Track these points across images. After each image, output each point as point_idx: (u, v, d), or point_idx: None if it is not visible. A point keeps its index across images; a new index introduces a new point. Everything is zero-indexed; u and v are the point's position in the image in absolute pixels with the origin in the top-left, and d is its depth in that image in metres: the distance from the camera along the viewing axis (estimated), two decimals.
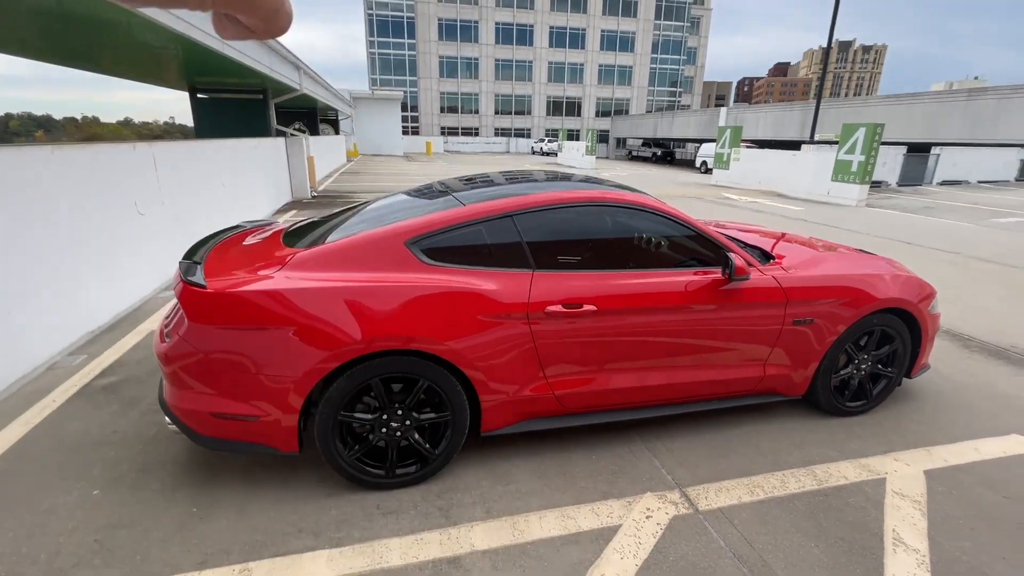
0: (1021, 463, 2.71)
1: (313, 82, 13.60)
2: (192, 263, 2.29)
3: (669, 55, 56.17)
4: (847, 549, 2.10)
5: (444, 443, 2.38)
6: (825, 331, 2.81)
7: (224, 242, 2.71)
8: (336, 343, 2.08)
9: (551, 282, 2.38)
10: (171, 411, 2.21)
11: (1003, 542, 2.16)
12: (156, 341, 2.25)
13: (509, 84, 52.88)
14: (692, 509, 2.31)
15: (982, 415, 3.17)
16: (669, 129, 42.10)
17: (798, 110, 29.56)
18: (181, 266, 2.24)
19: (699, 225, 2.69)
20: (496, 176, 3.19)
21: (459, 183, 3.00)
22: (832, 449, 2.79)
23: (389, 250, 2.29)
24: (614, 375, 2.55)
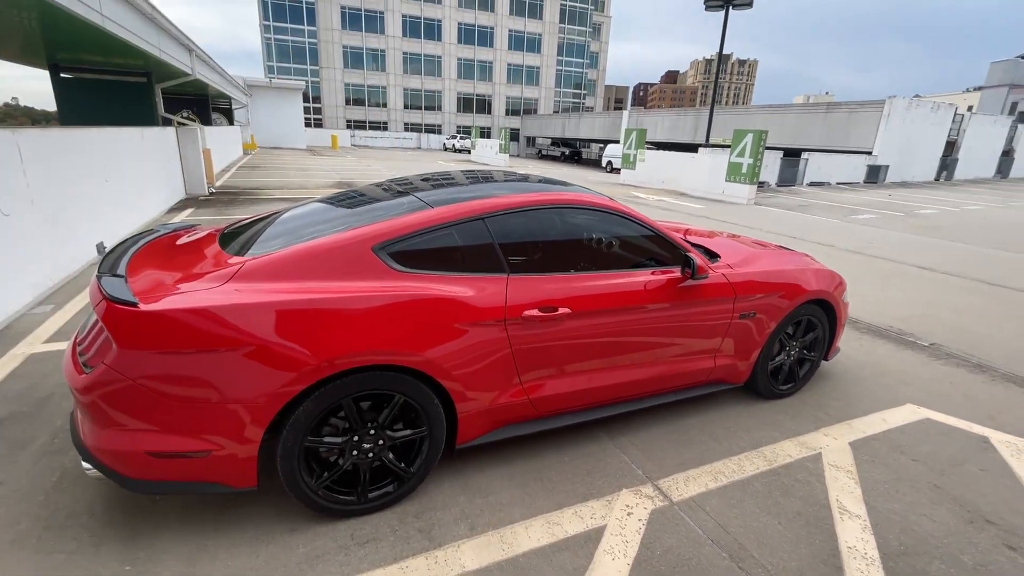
0: (918, 428, 3.15)
1: (207, 67, 12.22)
2: (114, 276, 1.93)
3: (573, 58, 58.32)
4: (804, 523, 2.30)
5: (419, 460, 2.25)
6: (765, 323, 3.06)
7: (144, 250, 2.33)
8: (303, 363, 1.87)
9: (526, 286, 2.34)
10: (92, 454, 1.85)
11: (922, 500, 2.49)
12: (70, 372, 1.87)
13: (418, 79, 51.74)
14: (667, 501, 2.39)
15: (881, 389, 3.65)
16: (576, 130, 43.77)
17: (691, 115, 32.14)
18: (102, 281, 1.87)
19: (660, 227, 2.80)
20: (456, 175, 3.07)
21: (418, 182, 2.84)
22: (774, 430, 3.04)
23: (355, 256, 2.10)
24: (585, 376, 2.57)
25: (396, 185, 2.84)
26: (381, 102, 51.16)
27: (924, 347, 4.48)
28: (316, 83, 48.16)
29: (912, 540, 2.23)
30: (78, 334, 2.09)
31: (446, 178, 2.99)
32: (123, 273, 1.99)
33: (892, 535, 2.25)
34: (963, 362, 4.18)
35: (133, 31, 6.98)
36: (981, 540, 2.25)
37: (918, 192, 20.37)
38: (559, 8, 54.89)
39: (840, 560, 2.10)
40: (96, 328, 1.89)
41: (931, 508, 2.44)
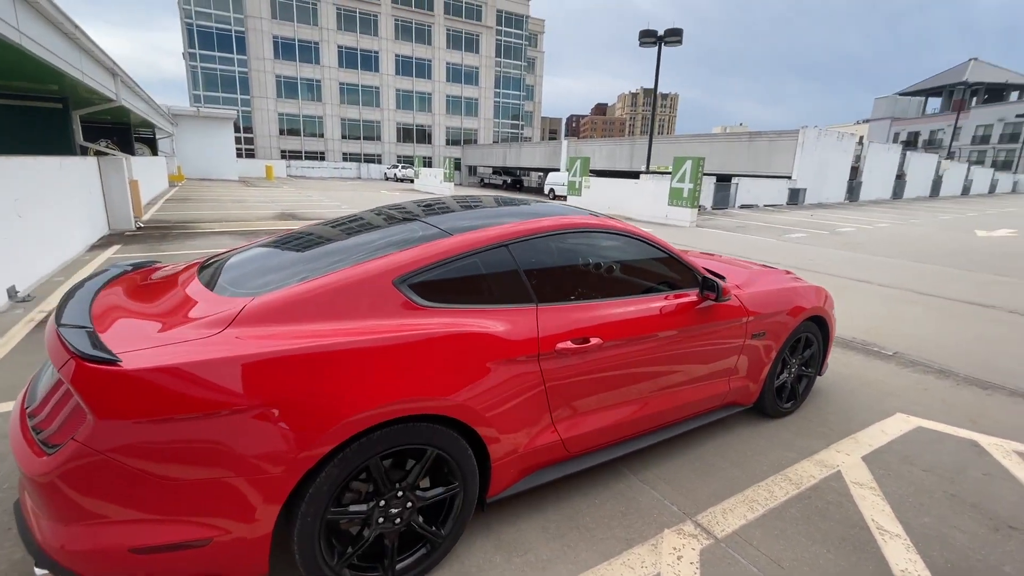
0: (914, 438, 3.23)
1: (132, 93, 11.29)
2: (78, 328, 1.56)
3: (510, 90, 60.08)
4: (851, 548, 2.23)
5: (451, 521, 1.97)
6: (773, 341, 3.06)
7: (107, 292, 1.95)
8: (327, 421, 1.58)
9: (556, 316, 2.17)
10: (53, 557, 1.44)
11: (946, 512, 2.50)
12: (22, 453, 1.46)
13: (356, 109, 51.09)
14: (712, 539, 2.25)
15: (870, 401, 3.75)
16: (517, 158, 44.73)
17: (627, 145, 33.77)
18: (65, 334, 1.50)
19: (677, 251, 2.73)
20: (448, 201, 2.88)
21: (418, 208, 2.63)
22: (788, 450, 3.01)
23: (375, 291, 1.85)
24: (615, 409, 2.42)
25: (397, 212, 2.60)
26: (318, 132, 49.95)
27: (890, 356, 4.71)
28: (247, 112, 46.32)
29: (954, 555, 2.21)
30: (26, 403, 1.67)
31: (442, 204, 2.79)
32: (89, 323, 1.62)
33: (935, 552, 2.22)
34: (928, 369, 4.42)
35: (54, 51, 6.28)
36: (1012, 548, 2.27)
37: (833, 212, 22.31)
38: (495, 43, 56.64)
39: None
40: (58, 394, 1.51)
41: (957, 519, 2.45)
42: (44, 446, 1.43)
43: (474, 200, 2.97)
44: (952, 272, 8.81)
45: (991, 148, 60.06)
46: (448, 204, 2.78)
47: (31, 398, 1.66)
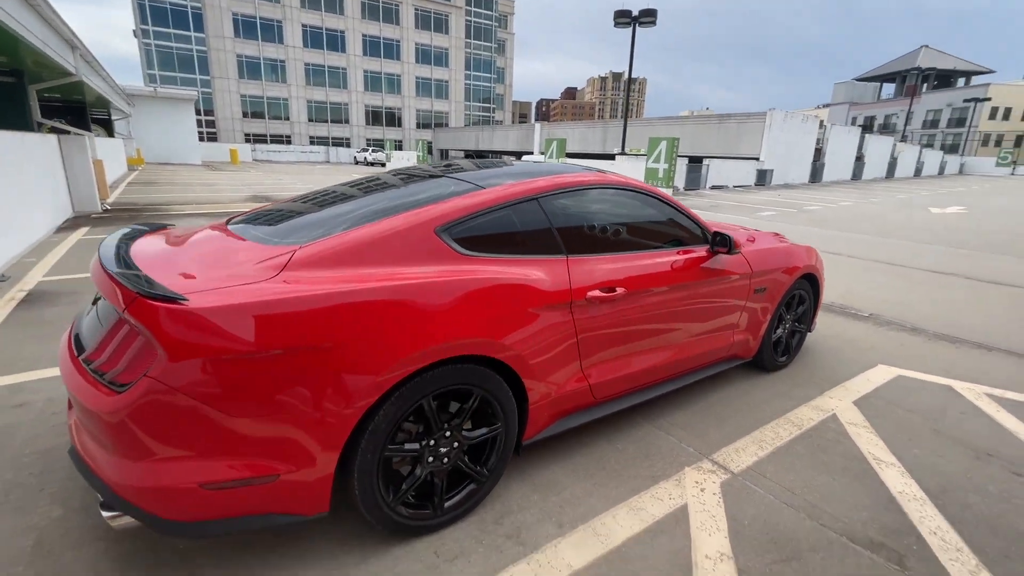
0: (897, 385, 3.48)
1: (91, 69, 10.64)
2: (133, 273, 1.56)
3: (481, 72, 59.31)
4: (853, 476, 2.43)
5: (494, 460, 2.06)
6: (772, 297, 3.24)
7: (137, 248, 1.92)
8: (388, 358, 1.63)
9: (585, 267, 2.25)
10: (123, 496, 1.46)
11: (933, 445, 2.74)
12: (87, 394, 1.46)
13: (323, 91, 49.54)
14: (729, 473, 2.41)
15: (853, 355, 4.01)
16: (490, 142, 44.39)
17: (599, 128, 33.95)
18: (126, 277, 1.50)
19: (688, 209, 2.85)
20: (467, 163, 2.91)
21: (441, 167, 2.65)
22: (787, 399, 3.21)
23: (417, 240, 1.89)
24: (635, 357, 2.53)
25: (419, 171, 2.62)
26: (283, 115, 48.26)
27: (866, 317, 5.01)
28: (208, 94, 44.28)
29: (944, 479, 2.43)
30: (71, 350, 1.66)
31: (461, 164, 2.82)
32: (139, 269, 1.62)
33: (927, 477, 2.45)
34: (901, 328, 4.73)
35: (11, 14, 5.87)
36: (992, 472, 2.52)
37: (799, 192, 23.09)
38: (464, 24, 55.64)
39: (898, 503, 2.24)
40: (119, 336, 1.51)
41: (943, 450, 2.69)
42: (113, 386, 1.43)
43: (489, 161, 3.01)
44: (912, 245, 9.32)
45: (940, 132, 63.01)
46: (466, 164, 2.82)
47: (82, 346, 1.65)
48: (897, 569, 1.88)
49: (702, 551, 1.91)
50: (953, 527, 2.11)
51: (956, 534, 2.07)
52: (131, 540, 1.85)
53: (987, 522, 2.15)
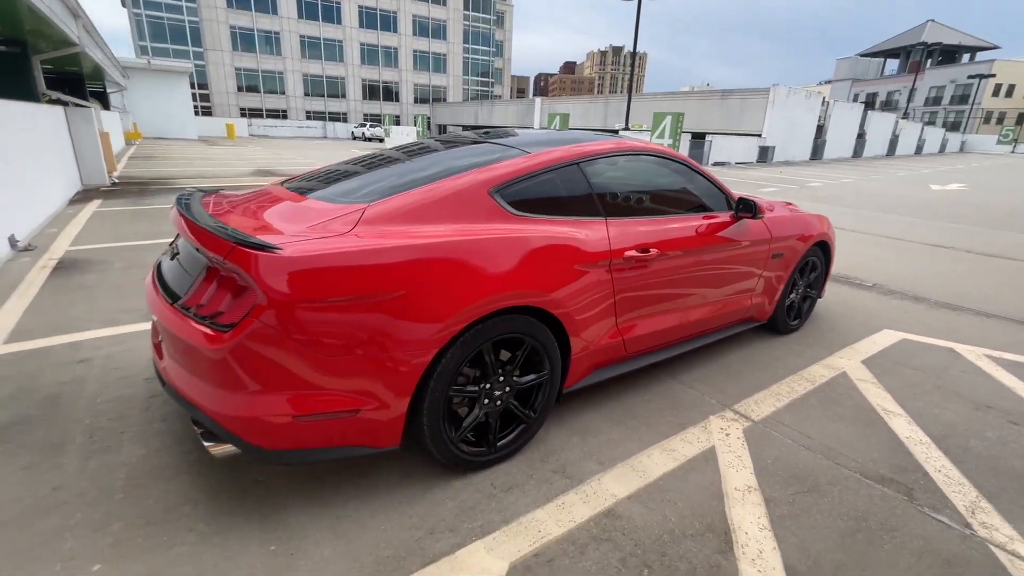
0: (902, 347, 3.68)
1: (92, 40, 10.48)
2: (221, 226, 1.70)
3: (479, 46, 58.16)
4: (864, 424, 2.64)
5: (540, 404, 2.24)
6: (788, 263, 3.40)
7: (211, 208, 2.06)
8: (456, 306, 1.79)
9: (622, 229, 2.40)
10: (226, 427, 1.63)
11: (936, 399, 2.94)
12: (193, 335, 1.62)
13: (319, 64, 48.58)
14: (751, 421, 2.61)
15: (860, 320, 4.20)
16: (489, 117, 43.85)
17: (600, 103, 33.59)
18: (222, 230, 1.64)
19: (713, 176, 2.99)
20: (504, 131, 3.01)
21: (478, 134, 2.77)
22: (799, 358, 3.40)
23: (474, 200, 2.03)
24: (663, 316, 2.70)
25: (459, 138, 2.74)
26: (278, 89, 47.42)
27: (870, 287, 5.20)
28: (201, 67, 43.36)
29: (947, 427, 2.64)
30: (162, 298, 1.81)
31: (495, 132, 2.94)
32: (223, 224, 1.76)
33: (931, 425, 2.65)
34: (904, 296, 4.92)
35: None
36: (991, 420, 2.73)
37: (801, 169, 23.10)
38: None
39: (906, 447, 2.44)
40: (218, 281, 1.66)
41: (945, 403, 2.89)
42: (217, 327, 1.59)
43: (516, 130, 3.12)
44: (913, 220, 9.48)
45: (942, 109, 62.55)
46: (504, 132, 2.93)
47: (176, 295, 1.79)
48: (906, 499, 2.08)
49: (731, 483, 2.12)
50: (955, 466, 2.32)
51: (958, 471, 2.28)
52: (216, 472, 2.03)
53: (986, 462, 2.36)
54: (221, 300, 1.63)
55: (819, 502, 2.04)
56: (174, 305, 1.75)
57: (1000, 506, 2.07)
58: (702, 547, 1.78)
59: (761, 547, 1.79)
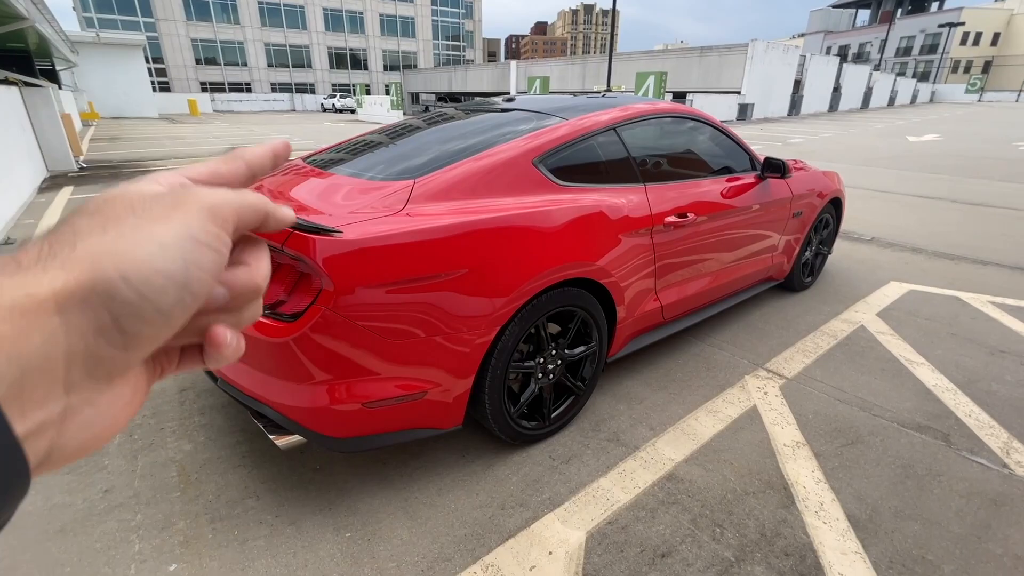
0: (911, 297, 3.78)
1: (40, 13, 9.68)
2: None
3: (448, 7, 55.91)
4: (891, 375, 2.72)
5: (590, 373, 2.25)
6: (806, 221, 3.42)
7: None
8: (515, 282, 1.75)
9: (660, 194, 2.36)
10: (294, 419, 1.59)
11: (953, 346, 3.05)
12: (257, 325, 1.55)
13: (281, 32, 46.12)
14: (784, 379, 2.67)
15: (866, 273, 4.29)
16: (464, 83, 42.54)
17: (578, 64, 32.83)
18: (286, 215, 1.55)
19: (737, 135, 2.95)
20: (526, 97, 2.90)
21: (506, 101, 2.66)
22: (818, 315, 3.47)
23: (519, 171, 1.96)
24: (697, 280, 2.71)
25: (487, 105, 2.64)
26: (240, 60, 45.02)
27: (868, 240, 5.30)
28: (155, 39, 40.71)
29: (968, 372, 2.74)
30: None
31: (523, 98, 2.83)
32: None
33: (954, 371, 2.75)
34: (903, 248, 5.03)
35: None
36: (1008, 364, 2.84)
37: (780, 125, 23.15)
38: None
39: (935, 394, 2.53)
40: (275, 269, 1.58)
41: (962, 350, 3.00)
42: (281, 317, 1.52)
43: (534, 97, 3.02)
44: (896, 172, 9.63)
45: (912, 60, 62.93)
46: (528, 98, 2.82)
47: None
48: (944, 445, 2.17)
49: (780, 440, 2.17)
50: (983, 410, 2.42)
51: (987, 415, 2.38)
52: (270, 463, 2.00)
53: (1010, 404, 2.47)
54: (280, 289, 1.56)
55: (865, 453, 2.11)
56: None
57: None
58: (765, 503, 1.84)
59: (821, 499, 1.85)
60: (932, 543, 1.68)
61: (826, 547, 1.65)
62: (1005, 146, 13.74)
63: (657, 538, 1.68)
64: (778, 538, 1.69)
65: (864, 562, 1.60)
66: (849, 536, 1.70)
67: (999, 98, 50.40)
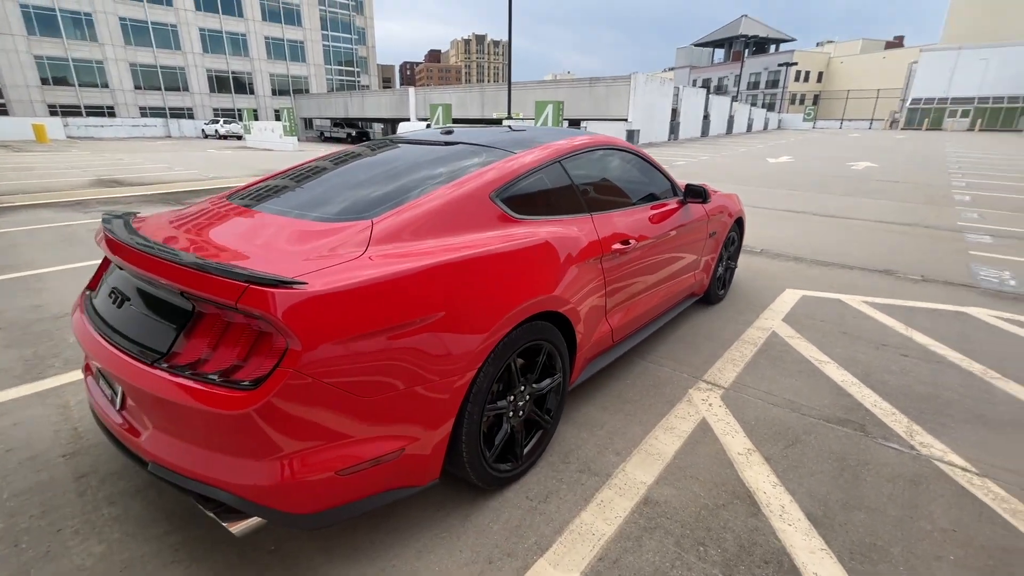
0: (805, 302, 4.28)
1: None
2: (222, 265, 1.40)
3: (340, 32, 54.77)
4: (808, 375, 3.03)
5: (555, 407, 2.23)
6: (719, 239, 3.75)
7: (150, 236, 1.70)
8: (494, 318, 1.70)
9: (604, 223, 2.45)
10: (252, 500, 1.38)
11: (847, 343, 3.49)
12: (199, 398, 1.32)
13: (150, 52, 41.85)
14: (722, 388, 2.87)
15: (765, 283, 4.80)
16: (361, 109, 41.68)
17: (476, 91, 33.70)
18: (220, 269, 1.34)
19: (660, 164, 3.16)
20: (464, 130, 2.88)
21: (446, 135, 2.61)
22: (736, 324, 3.80)
23: (478, 206, 1.93)
24: (638, 301, 2.83)
25: (431, 137, 2.57)
26: (99, 81, 40.01)
27: (759, 253, 5.95)
28: None
29: (864, 367, 3.15)
30: (138, 360, 1.46)
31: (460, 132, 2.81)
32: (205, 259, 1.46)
33: (854, 366, 3.14)
34: (787, 258, 5.72)
35: None
36: (891, 356, 3.30)
37: (664, 149, 25.50)
38: None
39: (844, 389, 2.87)
40: (223, 329, 1.37)
41: (855, 346, 3.44)
42: (234, 385, 1.32)
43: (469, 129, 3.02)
44: (766, 190, 11.01)
45: (761, 92, 72.99)
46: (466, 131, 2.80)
47: (148, 349, 1.45)
48: (863, 435, 2.45)
49: (734, 449, 2.31)
50: (884, 399, 2.78)
51: (888, 403, 2.74)
52: (213, 553, 1.72)
53: (901, 391, 2.87)
54: (231, 354, 1.36)
55: (806, 452, 2.32)
56: (154, 364, 1.42)
57: (927, 427, 2.53)
58: (736, 514, 1.93)
59: (781, 503, 1.99)
60: (878, 529, 1.87)
61: (796, 548, 1.77)
62: (841, 166, 16.31)
63: (649, 567, 1.69)
64: (755, 547, 1.78)
65: (831, 557, 1.73)
66: (812, 535, 1.83)
67: (828, 125, 60.05)
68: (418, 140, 2.57)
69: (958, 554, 1.77)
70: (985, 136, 39.20)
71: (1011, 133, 43.97)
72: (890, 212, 8.48)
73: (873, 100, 61.42)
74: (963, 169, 15.49)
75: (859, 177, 13.26)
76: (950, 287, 4.73)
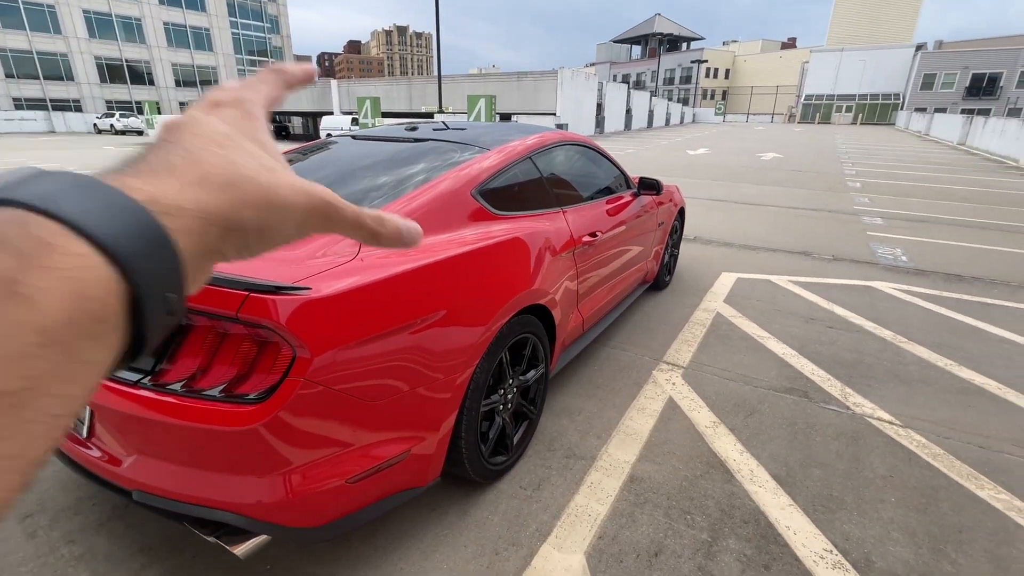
0: (741, 284, 4.65)
1: None
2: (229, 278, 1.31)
3: (250, 20, 51.15)
4: (753, 350, 3.32)
5: (539, 397, 2.29)
6: (666, 229, 3.98)
7: None
8: (490, 313, 1.73)
9: (575, 216, 2.54)
10: (257, 517, 1.32)
11: (782, 320, 3.84)
12: (196, 416, 1.23)
13: (23, 36, 36.75)
14: (682, 368, 3.07)
15: (702, 267, 5.14)
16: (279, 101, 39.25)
17: (404, 85, 32.89)
18: (223, 280, 1.26)
19: (615, 159, 3.30)
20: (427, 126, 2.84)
21: (418, 131, 2.57)
22: (684, 307, 4.06)
23: (461, 203, 1.93)
24: (603, 291, 2.95)
25: (399, 134, 2.51)
26: None
27: (693, 240, 6.36)
28: None
29: (799, 340, 3.49)
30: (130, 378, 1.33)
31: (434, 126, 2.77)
32: None
33: (790, 339, 3.47)
34: (719, 244, 6.16)
35: None
36: (819, 328, 3.68)
37: None
38: None
39: (785, 361, 3.17)
40: (221, 342, 1.29)
41: (787, 322, 3.80)
42: (237, 400, 1.25)
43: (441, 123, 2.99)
44: (691, 181, 11.72)
45: (676, 88, 77.14)
46: (429, 127, 2.76)
47: (136, 370, 1.33)
48: (807, 400, 2.73)
49: (701, 423, 2.50)
50: (819, 367, 3.10)
51: (823, 371, 3.06)
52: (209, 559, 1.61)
53: (832, 359, 3.21)
54: (232, 365, 1.28)
55: (763, 420, 2.55)
56: (138, 385, 1.31)
57: (857, 388, 2.86)
58: (713, 482, 2.10)
59: (750, 467, 2.18)
60: (832, 481, 2.11)
61: (769, 507, 1.96)
62: (752, 156, 17.68)
63: (645, 539, 1.80)
64: (735, 510, 1.94)
65: (799, 511, 1.94)
66: (780, 493, 2.03)
67: (735, 119, 64.71)
68: (387, 137, 2.51)
69: (898, 496, 2.04)
70: (866, 129, 44.08)
71: (886, 126, 49.80)
72: (799, 199, 9.33)
73: (773, 96, 66.92)
74: (852, 158, 17.33)
75: (769, 167, 14.44)
76: (856, 264, 5.32)
